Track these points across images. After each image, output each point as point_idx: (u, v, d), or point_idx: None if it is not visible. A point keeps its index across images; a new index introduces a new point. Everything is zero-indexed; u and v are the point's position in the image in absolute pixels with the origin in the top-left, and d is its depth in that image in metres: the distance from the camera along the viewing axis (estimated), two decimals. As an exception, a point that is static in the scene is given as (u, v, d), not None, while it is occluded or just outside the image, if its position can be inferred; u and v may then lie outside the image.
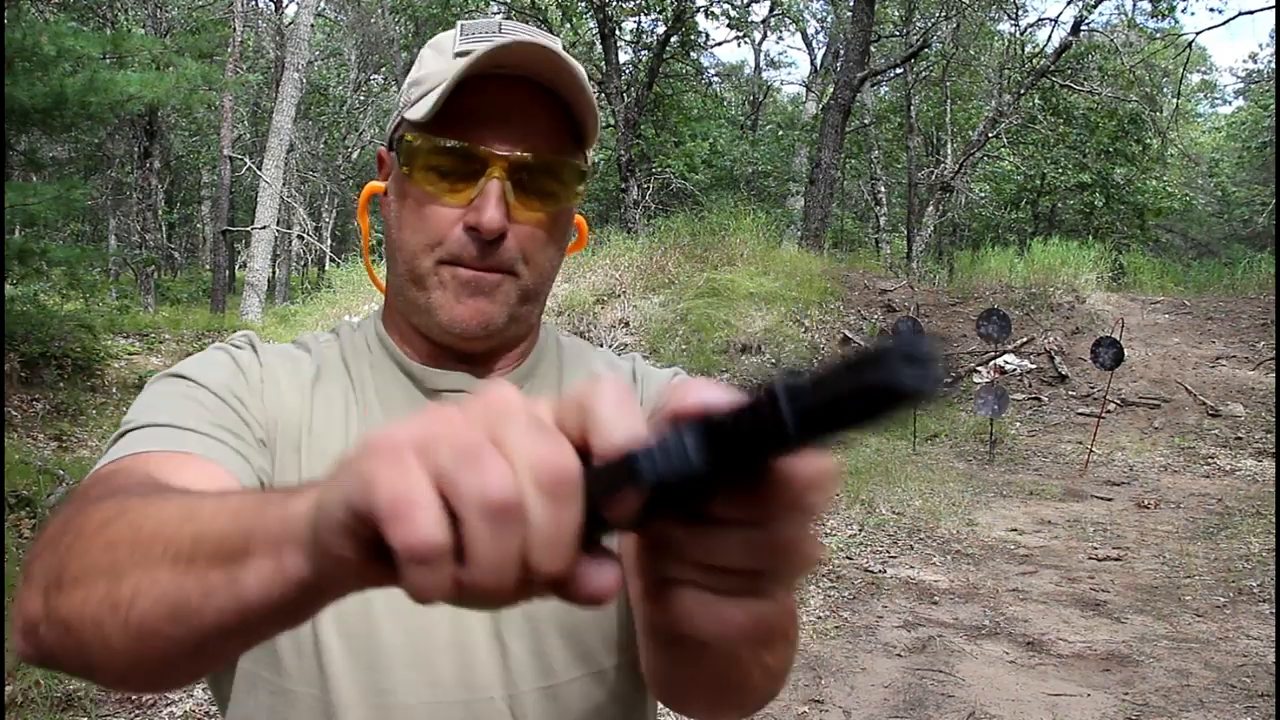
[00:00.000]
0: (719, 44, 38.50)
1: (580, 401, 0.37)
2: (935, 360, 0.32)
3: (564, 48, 0.85)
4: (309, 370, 0.88)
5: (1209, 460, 8.73)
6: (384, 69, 25.75)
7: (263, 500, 0.47)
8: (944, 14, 18.70)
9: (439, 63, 0.85)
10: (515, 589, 0.36)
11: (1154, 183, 20.70)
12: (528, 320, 0.89)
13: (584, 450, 0.37)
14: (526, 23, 1.08)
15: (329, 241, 24.83)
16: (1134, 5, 18.75)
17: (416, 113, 0.82)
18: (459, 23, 0.87)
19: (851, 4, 16.53)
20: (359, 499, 0.37)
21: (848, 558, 5.82)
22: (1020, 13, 19.90)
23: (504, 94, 0.80)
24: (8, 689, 3.41)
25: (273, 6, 23.81)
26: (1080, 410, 10.06)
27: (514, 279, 0.84)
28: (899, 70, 19.74)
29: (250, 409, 0.82)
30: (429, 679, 0.79)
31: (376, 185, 0.91)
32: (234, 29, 17.99)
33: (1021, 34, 20.31)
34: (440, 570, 0.35)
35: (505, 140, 0.80)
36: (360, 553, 0.38)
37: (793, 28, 24.81)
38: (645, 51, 18.17)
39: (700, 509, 0.37)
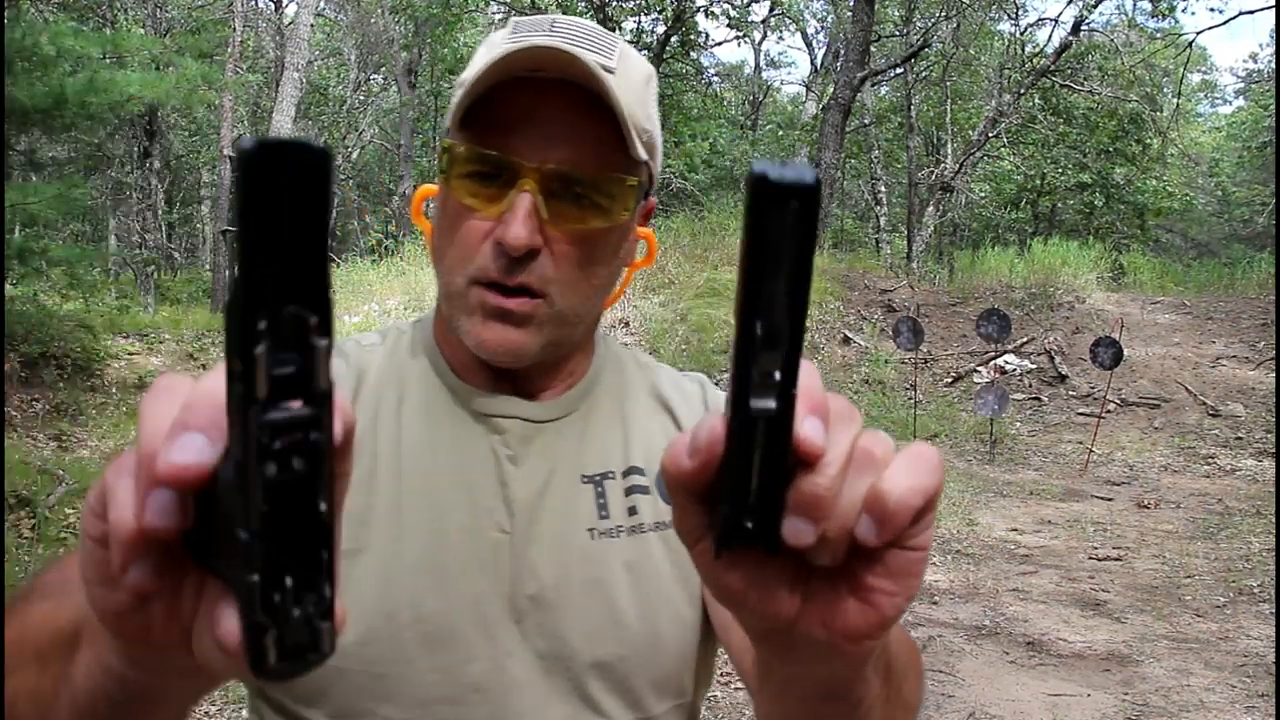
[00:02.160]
0: (719, 44, 38.46)
1: None
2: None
3: (626, 42, 0.80)
4: (345, 388, 0.82)
5: (1209, 460, 8.73)
6: (384, 69, 25.75)
7: None
8: (944, 14, 18.68)
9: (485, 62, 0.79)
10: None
11: (1154, 183, 20.71)
12: (568, 343, 0.83)
13: None
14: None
15: (329, 241, 24.79)
16: (1134, 5, 18.79)
17: (451, 117, 0.78)
18: (512, 19, 0.81)
19: (851, 4, 16.52)
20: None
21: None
22: (1020, 13, 19.89)
23: (538, 99, 0.74)
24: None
25: (273, 6, 23.81)
26: (1080, 410, 10.06)
27: (546, 303, 0.77)
28: (899, 70, 19.71)
29: None
30: None
31: (430, 188, 0.85)
32: (234, 29, 17.97)
33: (1021, 34, 20.31)
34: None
35: (539, 150, 0.74)
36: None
37: (793, 28, 24.82)
38: (645, 51, 18.17)
39: None
